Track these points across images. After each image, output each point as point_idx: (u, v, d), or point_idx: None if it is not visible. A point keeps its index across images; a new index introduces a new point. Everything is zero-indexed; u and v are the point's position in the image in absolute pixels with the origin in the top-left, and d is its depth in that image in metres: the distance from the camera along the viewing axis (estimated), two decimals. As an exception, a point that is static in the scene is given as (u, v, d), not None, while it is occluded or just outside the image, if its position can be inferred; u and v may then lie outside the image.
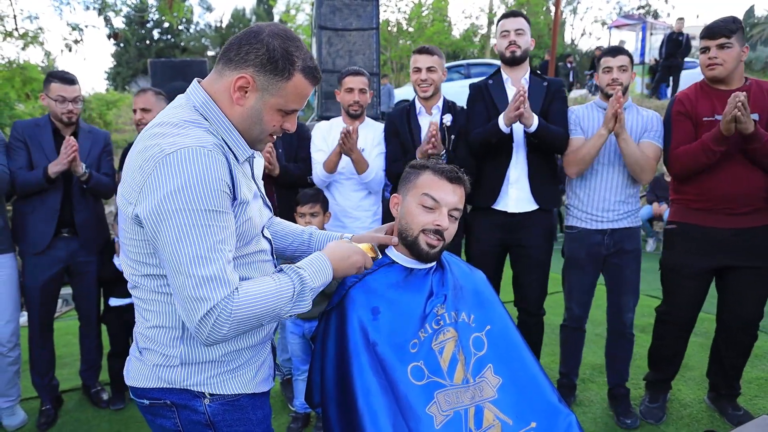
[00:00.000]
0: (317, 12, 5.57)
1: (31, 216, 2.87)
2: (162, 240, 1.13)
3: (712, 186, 2.58)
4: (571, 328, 3.01)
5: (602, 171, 2.80)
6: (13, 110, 8.64)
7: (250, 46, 1.21)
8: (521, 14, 2.89)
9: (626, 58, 2.73)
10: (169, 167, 1.11)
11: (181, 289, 1.13)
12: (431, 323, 1.49)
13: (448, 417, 1.38)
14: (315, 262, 1.33)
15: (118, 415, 3.13)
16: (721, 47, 2.52)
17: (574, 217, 2.91)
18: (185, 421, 1.31)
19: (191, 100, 1.27)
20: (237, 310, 1.14)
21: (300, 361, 2.84)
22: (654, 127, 2.75)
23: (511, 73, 2.89)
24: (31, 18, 9.86)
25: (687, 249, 2.69)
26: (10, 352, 2.91)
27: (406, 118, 2.99)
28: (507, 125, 2.66)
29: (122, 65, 30.15)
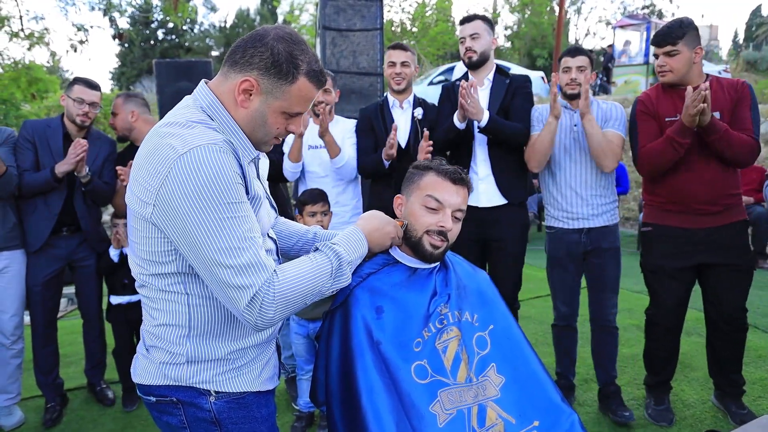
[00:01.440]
0: (321, 13, 5.57)
1: (32, 216, 2.91)
2: (190, 239, 1.15)
3: (683, 187, 2.63)
4: (560, 327, 3.06)
5: (571, 166, 2.85)
6: (20, 110, 8.69)
7: (255, 50, 1.22)
8: (478, 17, 2.97)
9: (585, 59, 2.80)
10: (184, 167, 1.13)
11: (220, 282, 1.15)
12: (435, 322, 1.50)
13: (452, 415, 1.39)
14: (349, 236, 1.37)
15: (123, 413, 3.16)
16: (668, 54, 2.58)
17: (552, 217, 2.97)
18: (191, 418, 1.32)
19: (198, 100, 1.28)
20: (279, 292, 1.17)
21: (304, 361, 2.85)
22: (615, 116, 2.81)
23: (476, 75, 3.00)
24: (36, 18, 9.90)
25: (664, 251, 2.74)
26: (13, 345, 2.96)
27: (380, 113, 3.13)
28: (461, 120, 2.78)
29: (126, 65, 30.24)
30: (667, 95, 2.69)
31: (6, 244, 2.87)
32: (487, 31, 2.94)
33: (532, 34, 22.38)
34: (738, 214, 2.68)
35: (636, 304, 4.68)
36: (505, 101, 2.92)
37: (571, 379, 3.10)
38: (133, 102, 3.10)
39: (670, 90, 2.68)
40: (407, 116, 3.10)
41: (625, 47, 15.75)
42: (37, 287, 2.97)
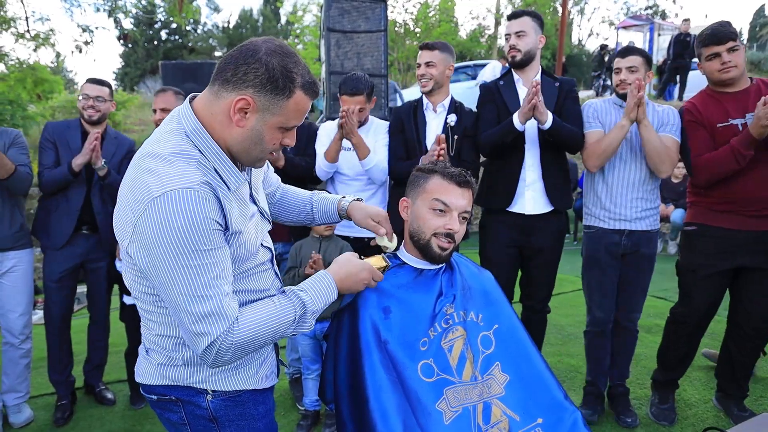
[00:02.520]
0: (326, 14, 5.61)
1: (55, 213, 2.99)
2: (158, 280, 1.17)
3: (738, 188, 2.58)
4: (593, 333, 2.93)
5: (620, 166, 2.77)
6: (26, 111, 8.76)
7: (248, 66, 1.17)
8: (525, 13, 2.83)
9: (637, 59, 2.70)
10: (157, 211, 1.12)
11: (183, 324, 1.19)
12: (440, 322, 1.54)
13: (457, 413, 1.42)
14: (318, 282, 1.37)
15: (131, 411, 3.19)
16: (731, 50, 2.53)
17: (592, 215, 2.88)
18: (190, 415, 1.36)
19: (182, 125, 1.24)
20: (238, 340, 1.20)
21: (310, 360, 2.89)
22: (671, 120, 2.72)
23: (521, 74, 2.87)
24: (42, 20, 9.97)
25: (706, 250, 2.69)
26: (22, 344, 3.00)
27: (413, 113, 2.99)
28: (522, 122, 2.63)
29: (130, 65, 30.34)
30: (713, 101, 2.64)
31: (14, 244, 2.92)
32: (535, 28, 2.78)
33: (535, 35, 22.38)
34: None
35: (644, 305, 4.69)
36: (557, 105, 2.80)
37: (602, 389, 2.98)
38: (183, 99, 3.15)
39: (717, 94, 2.63)
40: (440, 120, 2.94)
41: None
42: (53, 283, 3.02)
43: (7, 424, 3.04)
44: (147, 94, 19.56)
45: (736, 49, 2.53)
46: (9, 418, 3.05)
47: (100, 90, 3.04)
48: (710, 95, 2.68)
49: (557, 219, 2.88)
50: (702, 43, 2.61)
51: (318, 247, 2.81)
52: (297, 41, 21.67)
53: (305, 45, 20.28)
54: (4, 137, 2.87)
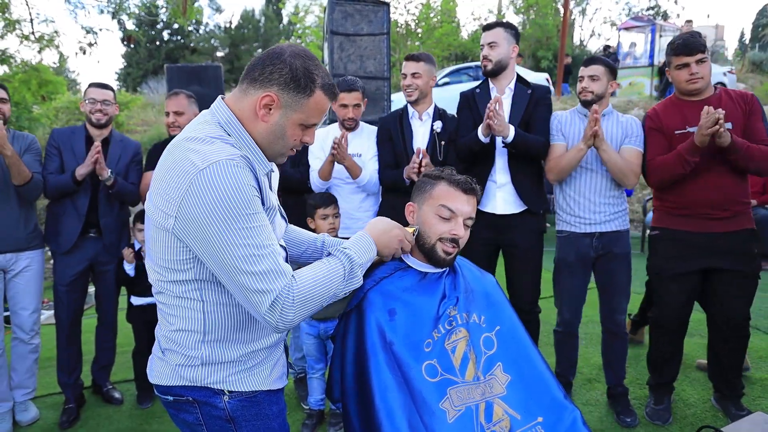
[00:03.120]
0: (329, 18, 5.65)
1: (63, 218, 3.04)
2: (211, 249, 1.22)
3: (692, 192, 2.68)
4: (562, 333, 3.09)
5: (585, 175, 2.88)
6: (31, 113, 8.81)
7: (273, 67, 1.29)
8: (499, 24, 2.96)
9: (599, 68, 2.82)
10: (205, 181, 1.20)
11: (242, 288, 1.23)
12: (444, 324, 1.58)
13: (460, 412, 1.47)
14: (359, 240, 1.46)
15: (139, 410, 3.25)
16: (699, 62, 2.63)
17: (563, 221, 2.99)
18: (206, 416, 1.40)
19: (216, 116, 1.35)
20: (298, 296, 1.24)
21: (314, 360, 2.94)
22: (634, 132, 2.83)
23: (496, 82, 2.99)
24: (47, 21, 10.01)
25: (670, 254, 2.79)
26: (31, 340, 3.09)
27: (399, 122, 3.11)
28: (485, 135, 2.78)
29: (132, 66, 30.38)
30: (674, 108, 2.75)
31: (28, 245, 3.00)
32: (507, 39, 2.91)
33: (537, 36, 22.37)
34: (747, 222, 2.71)
35: (639, 305, 4.73)
36: (527, 112, 2.92)
37: (570, 379, 3.17)
38: (195, 103, 3.19)
39: (680, 102, 2.74)
40: (426, 128, 3.07)
41: (630, 49, 15.77)
42: (63, 287, 3.08)
43: (14, 423, 3.10)
44: (150, 95, 19.59)
45: (704, 60, 2.63)
46: (15, 416, 3.11)
47: (106, 94, 3.09)
48: (673, 102, 2.79)
49: (534, 218, 2.97)
50: (673, 51, 2.70)
51: (323, 250, 2.86)
52: (299, 42, 21.72)
53: (307, 46, 20.33)
54: (20, 141, 2.93)
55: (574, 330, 3.07)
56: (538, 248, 3.01)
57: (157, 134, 11.32)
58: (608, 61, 2.91)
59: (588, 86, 2.84)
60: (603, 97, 2.85)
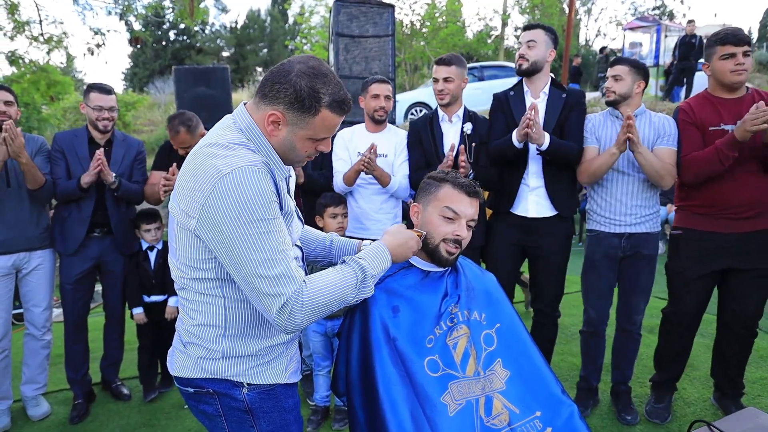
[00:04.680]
0: (335, 19, 5.71)
1: (69, 220, 3.09)
2: (229, 251, 1.28)
3: (719, 192, 2.66)
4: (587, 333, 3.06)
5: (619, 178, 2.85)
6: (40, 113, 8.91)
7: (280, 86, 1.33)
8: (540, 26, 2.92)
9: (623, 68, 2.79)
10: (227, 186, 1.26)
11: (255, 290, 1.29)
12: (446, 321, 1.63)
13: (461, 405, 1.52)
14: (375, 250, 1.50)
15: (147, 406, 3.31)
16: (746, 54, 2.57)
17: (594, 221, 2.97)
18: (226, 407, 1.46)
19: (237, 122, 1.40)
20: (308, 301, 1.30)
21: (321, 357, 2.99)
22: (667, 131, 2.78)
23: (530, 85, 2.95)
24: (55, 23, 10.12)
25: (691, 254, 2.78)
26: (43, 336, 3.17)
27: (429, 125, 3.10)
28: (520, 141, 2.76)
29: (139, 66, 30.56)
30: (709, 104, 2.70)
31: (40, 244, 3.07)
32: (546, 42, 2.87)
33: (542, 36, 22.36)
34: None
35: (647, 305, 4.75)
36: (562, 116, 2.88)
37: (594, 384, 3.11)
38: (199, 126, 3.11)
39: (714, 98, 2.70)
40: (456, 130, 3.06)
41: (633, 49, 15.75)
42: (69, 285, 3.14)
43: (25, 417, 3.17)
44: (156, 95, 19.71)
45: (749, 54, 2.58)
46: (27, 411, 3.19)
47: (112, 100, 3.10)
48: (707, 98, 2.74)
49: (563, 223, 2.95)
50: (719, 41, 2.60)
51: (328, 249, 2.91)
52: (305, 42, 21.78)
53: (313, 46, 20.39)
54: (30, 145, 2.98)
55: (601, 330, 3.02)
56: (564, 253, 3.00)
57: (164, 134, 11.39)
58: (635, 60, 2.87)
59: (611, 86, 2.80)
60: (628, 98, 2.80)
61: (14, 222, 2.96)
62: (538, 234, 2.93)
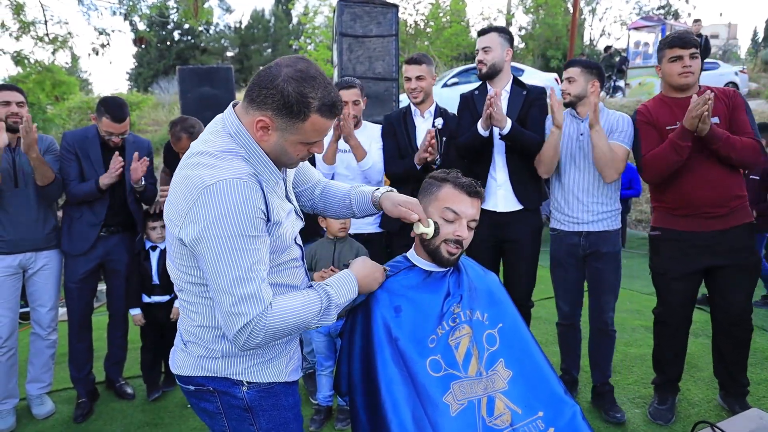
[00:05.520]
0: (338, 19, 5.71)
1: (78, 221, 3.10)
2: (205, 261, 1.28)
3: (689, 192, 2.72)
4: (563, 326, 3.17)
5: (574, 173, 2.94)
6: (46, 114, 8.95)
7: (267, 91, 1.29)
8: (493, 29, 3.06)
9: (575, 70, 2.90)
10: (210, 197, 1.25)
11: (221, 304, 1.29)
12: (448, 321, 1.63)
13: (463, 406, 1.52)
14: (342, 279, 1.48)
15: (151, 405, 3.32)
16: (692, 56, 2.68)
17: (555, 219, 3.08)
18: (226, 405, 1.47)
19: (227, 126, 1.37)
20: (270, 324, 1.30)
21: (324, 357, 2.99)
22: (621, 128, 2.86)
23: (493, 85, 3.09)
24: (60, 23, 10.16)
25: (672, 254, 2.83)
26: (49, 335, 3.19)
27: (403, 119, 3.24)
28: (484, 128, 2.88)
29: (143, 66, 30.64)
30: (665, 105, 2.80)
31: (47, 245, 3.09)
32: (501, 43, 3.01)
33: (546, 35, 22.32)
34: (744, 216, 2.75)
35: (645, 305, 4.76)
36: (522, 112, 3.02)
37: (575, 375, 3.23)
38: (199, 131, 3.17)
39: (669, 99, 2.80)
40: (428, 125, 3.19)
41: (637, 48, 15.70)
42: (74, 284, 3.16)
43: (30, 415, 3.19)
44: (160, 95, 19.78)
45: (696, 56, 2.69)
46: (32, 410, 3.20)
47: (124, 126, 3.05)
48: (662, 100, 2.84)
49: (531, 216, 3.07)
50: (668, 44, 2.73)
51: (332, 249, 2.92)
52: (308, 42, 21.81)
53: (317, 46, 20.40)
54: (40, 143, 2.99)
55: (576, 323, 3.14)
56: (535, 244, 3.11)
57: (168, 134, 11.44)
58: (586, 61, 2.97)
59: (566, 88, 2.94)
60: (583, 97, 2.89)
61: (22, 222, 2.98)
62: (509, 227, 3.04)
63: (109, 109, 3.01)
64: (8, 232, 2.95)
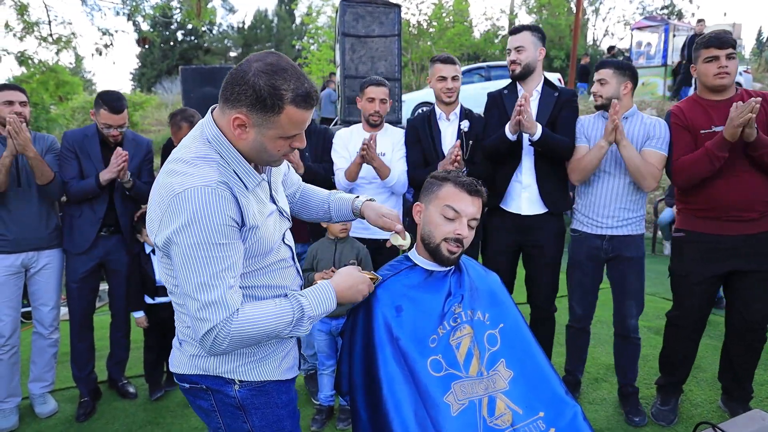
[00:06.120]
0: (341, 19, 5.72)
1: (79, 220, 3.10)
2: (175, 265, 1.30)
3: (719, 194, 2.64)
4: (574, 329, 3.13)
5: (605, 178, 2.88)
6: (49, 114, 8.98)
7: (239, 87, 1.27)
8: (525, 28, 2.97)
9: (607, 71, 2.83)
10: (178, 204, 1.26)
11: (188, 309, 1.31)
12: (449, 321, 1.63)
13: (464, 405, 1.52)
14: (319, 291, 1.46)
15: (153, 404, 3.32)
16: (729, 57, 2.59)
17: (578, 220, 3.02)
18: (219, 403, 1.48)
19: (204, 133, 1.37)
20: (235, 331, 1.30)
21: (325, 356, 2.99)
22: (657, 134, 2.78)
23: (523, 85, 3.01)
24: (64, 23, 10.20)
25: (696, 257, 2.76)
26: (51, 335, 3.19)
27: (428, 124, 3.14)
28: (512, 133, 2.80)
29: (147, 66, 30.73)
30: (699, 107, 2.70)
31: (49, 244, 3.09)
32: (534, 42, 2.92)
33: (549, 35, 22.27)
34: None
35: (647, 306, 4.72)
36: (553, 114, 2.94)
37: (579, 376, 3.22)
38: None
39: (704, 102, 2.70)
40: (454, 127, 3.12)
41: (640, 48, 15.66)
42: (75, 284, 3.16)
43: (32, 414, 3.20)
44: (163, 95, 19.84)
45: (733, 57, 2.61)
46: (35, 409, 3.21)
47: (122, 118, 3.05)
48: (697, 101, 2.74)
49: (555, 220, 3.00)
50: (704, 44, 2.64)
51: (333, 249, 2.92)
52: (311, 42, 21.84)
53: (320, 46, 20.43)
54: (41, 143, 3.00)
55: (587, 327, 3.11)
56: (558, 249, 3.04)
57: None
58: (618, 62, 2.89)
59: (597, 90, 2.86)
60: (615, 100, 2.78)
61: (24, 221, 2.99)
62: (532, 231, 2.97)
63: (106, 100, 3.01)
64: (11, 231, 2.96)
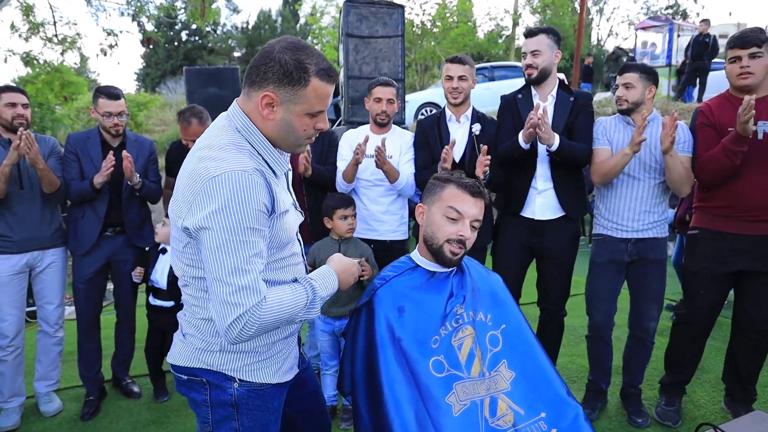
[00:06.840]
0: (344, 20, 5.73)
1: (82, 221, 3.13)
2: (206, 250, 1.30)
3: (740, 193, 2.62)
4: (592, 338, 3.03)
5: (629, 182, 2.83)
6: (54, 114, 9.03)
7: (266, 66, 1.34)
8: (541, 30, 2.89)
9: (632, 75, 2.75)
10: (214, 188, 1.27)
11: (218, 294, 1.30)
12: (451, 321, 1.64)
13: (466, 406, 1.53)
14: (325, 275, 1.50)
15: (157, 404, 3.33)
16: (753, 56, 2.54)
17: (601, 225, 2.95)
18: (214, 398, 1.49)
19: (233, 122, 1.41)
20: (263, 316, 1.31)
21: (328, 357, 3.00)
22: (683, 137, 2.74)
23: (539, 90, 2.95)
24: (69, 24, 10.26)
25: (709, 254, 2.75)
26: (56, 333, 3.21)
27: (437, 125, 3.09)
28: (526, 142, 2.76)
29: (151, 66, 30.78)
30: (729, 105, 2.66)
31: (53, 243, 3.12)
32: (550, 45, 2.85)
33: (553, 35, 22.23)
34: None
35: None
36: (570, 119, 2.87)
37: (603, 387, 3.09)
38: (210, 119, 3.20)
39: (735, 99, 2.64)
40: (464, 130, 3.04)
41: (645, 48, 15.61)
42: (82, 284, 3.18)
43: (37, 413, 3.22)
44: (168, 95, 19.88)
45: (758, 56, 2.53)
46: (39, 407, 3.23)
47: (121, 105, 3.09)
48: (728, 99, 2.70)
49: (570, 224, 2.95)
50: (729, 45, 2.62)
51: (337, 249, 2.92)
52: (315, 42, 21.85)
53: (324, 46, 20.45)
54: (42, 146, 3.02)
55: (606, 337, 2.99)
56: (571, 253, 3.00)
57: (175, 134, 11.48)
58: (644, 66, 2.84)
59: (623, 95, 2.78)
60: (641, 104, 2.77)
61: (28, 222, 3.01)
62: (545, 234, 2.92)
63: (102, 90, 3.09)
64: (15, 232, 2.98)
